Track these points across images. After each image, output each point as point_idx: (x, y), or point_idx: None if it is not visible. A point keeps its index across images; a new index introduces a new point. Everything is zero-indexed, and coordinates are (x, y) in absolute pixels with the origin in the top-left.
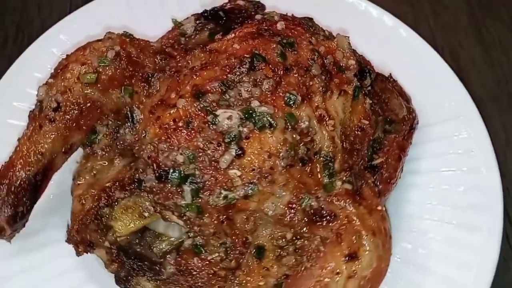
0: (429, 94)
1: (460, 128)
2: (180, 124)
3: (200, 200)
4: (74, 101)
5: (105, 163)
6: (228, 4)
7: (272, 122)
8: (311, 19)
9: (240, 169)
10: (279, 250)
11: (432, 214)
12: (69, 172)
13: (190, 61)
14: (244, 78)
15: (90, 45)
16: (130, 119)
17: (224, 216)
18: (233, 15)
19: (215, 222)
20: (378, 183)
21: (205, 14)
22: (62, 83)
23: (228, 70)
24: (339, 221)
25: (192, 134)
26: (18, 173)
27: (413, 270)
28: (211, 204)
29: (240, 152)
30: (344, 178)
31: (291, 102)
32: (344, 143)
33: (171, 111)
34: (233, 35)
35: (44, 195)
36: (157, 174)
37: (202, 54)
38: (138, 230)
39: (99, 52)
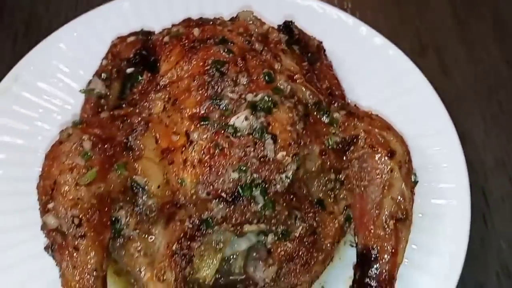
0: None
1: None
2: (211, 151)
3: (270, 195)
4: (89, 206)
5: (151, 237)
6: (120, 43)
7: (273, 101)
8: (199, 18)
9: (282, 150)
10: (331, 192)
11: None
12: None
13: (151, 106)
14: (222, 85)
15: (59, 153)
16: (139, 188)
17: (290, 195)
18: (149, 49)
19: (284, 205)
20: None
21: (136, 61)
22: (66, 198)
23: (205, 88)
24: (361, 138)
25: (227, 152)
26: None
27: None
28: (279, 191)
29: (274, 137)
30: (336, 108)
31: (270, 79)
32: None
33: (193, 148)
34: (167, 64)
35: None
36: (230, 200)
37: (160, 93)
38: None
39: (75, 151)
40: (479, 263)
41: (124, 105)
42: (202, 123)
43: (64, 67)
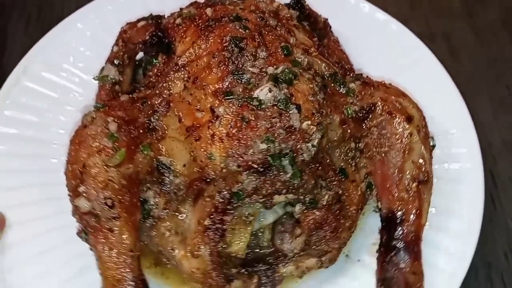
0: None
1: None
2: (238, 124)
3: (298, 164)
4: (120, 187)
5: (181, 216)
6: (130, 29)
7: (293, 73)
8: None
9: (307, 119)
10: (351, 161)
11: None
12: None
13: (171, 86)
14: (242, 60)
15: (85, 136)
16: (165, 167)
17: (316, 164)
18: (163, 32)
19: (311, 174)
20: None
21: (153, 42)
22: (97, 180)
23: (225, 64)
24: (378, 105)
25: (253, 124)
26: (129, 283)
27: None
28: (306, 161)
29: (298, 107)
30: (351, 79)
31: (288, 52)
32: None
33: (219, 122)
34: (182, 45)
35: None
36: (261, 170)
37: (179, 73)
38: None
39: (101, 134)
40: (488, 243)
41: (142, 88)
42: (226, 97)
43: (73, 56)
